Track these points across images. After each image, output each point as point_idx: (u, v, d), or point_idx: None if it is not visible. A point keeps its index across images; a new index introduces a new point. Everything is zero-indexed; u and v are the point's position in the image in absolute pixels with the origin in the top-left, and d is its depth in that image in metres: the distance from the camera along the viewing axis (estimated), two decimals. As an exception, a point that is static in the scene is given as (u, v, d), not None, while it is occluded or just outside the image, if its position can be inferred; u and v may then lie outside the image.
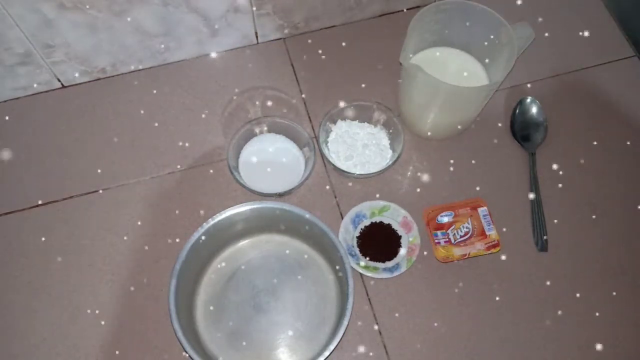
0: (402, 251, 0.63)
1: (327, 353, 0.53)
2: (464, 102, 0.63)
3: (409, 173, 0.68)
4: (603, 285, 0.63)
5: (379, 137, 0.68)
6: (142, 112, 0.71)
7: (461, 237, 0.62)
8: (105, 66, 0.72)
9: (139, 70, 0.74)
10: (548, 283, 0.62)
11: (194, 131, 0.70)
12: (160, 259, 0.63)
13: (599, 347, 0.60)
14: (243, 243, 0.63)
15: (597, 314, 0.61)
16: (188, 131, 0.70)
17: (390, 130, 0.68)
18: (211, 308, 0.60)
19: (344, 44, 0.76)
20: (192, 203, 0.66)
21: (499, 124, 0.71)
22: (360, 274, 0.61)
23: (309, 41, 0.76)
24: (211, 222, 0.58)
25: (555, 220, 0.65)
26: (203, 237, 0.58)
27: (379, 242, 0.63)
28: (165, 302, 0.55)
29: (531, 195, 0.65)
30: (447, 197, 0.66)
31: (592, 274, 0.63)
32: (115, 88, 0.73)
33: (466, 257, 0.61)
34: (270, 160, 0.67)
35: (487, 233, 0.62)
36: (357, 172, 0.65)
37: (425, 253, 0.63)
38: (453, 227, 0.62)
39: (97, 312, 0.61)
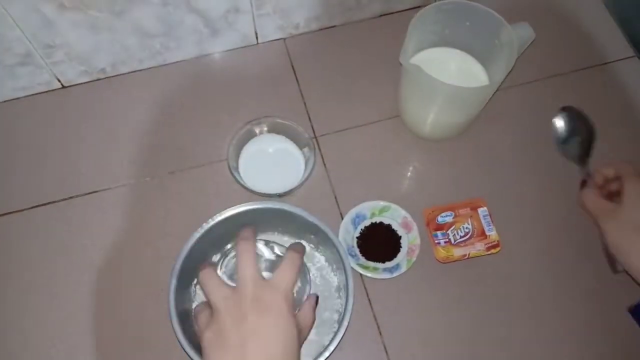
0: (402, 251, 0.63)
1: (327, 353, 0.53)
2: (464, 102, 0.63)
3: (409, 173, 0.68)
4: (603, 285, 0.63)
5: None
6: (142, 112, 0.71)
7: (461, 237, 0.62)
8: (105, 66, 0.72)
9: (139, 70, 0.74)
10: (548, 283, 0.62)
11: (193, 131, 0.70)
12: (160, 259, 0.63)
13: (600, 346, 0.60)
14: (243, 243, 0.63)
15: (598, 313, 0.61)
16: (188, 131, 0.70)
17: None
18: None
19: (344, 44, 0.76)
20: (192, 203, 0.66)
21: (499, 124, 0.71)
22: (360, 274, 0.61)
23: (309, 41, 0.76)
24: (211, 222, 0.58)
25: (556, 219, 0.65)
26: (203, 237, 0.58)
27: (379, 242, 0.63)
28: (165, 302, 0.55)
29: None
30: (447, 197, 0.66)
31: (592, 273, 0.63)
32: (115, 88, 0.73)
33: (466, 257, 0.61)
34: (270, 161, 0.67)
35: (487, 233, 0.62)
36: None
37: (425, 253, 0.63)
38: (453, 227, 0.62)
39: (97, 312, 0.61)
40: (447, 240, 0.62)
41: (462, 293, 0.62)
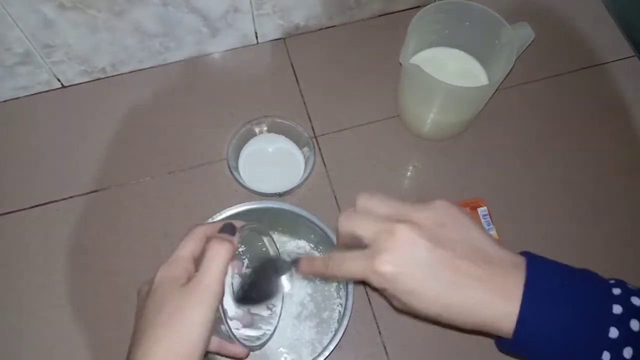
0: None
1: (327, 353, 0.53)
2: (463, 102, 0.63)
3: (409, 173, 0.68)
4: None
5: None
6: (142, 112, 0.71)
7: (461, 237, 0.62)
8: (105, 66, 0.72)
9: (139, 70, 0.74)
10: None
11: (193, 131, 0.70)
12: (160, 259, 0.62)
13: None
14: (243, 243, 0.63)
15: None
16: (188, 131, 0.70)
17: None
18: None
19: (344, 44, 0.76)
20: (192, 203, 0.66)
21: (499, 124, 0.71)
22: (360, 274, 0.61)
23: (309, 41, 0.76)
24: (211, 221, 0.58)
25: (556, 219, 0.65)
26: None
27: (379, 242, 0.63)
28: (165, 302, 0.55)
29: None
30: (447, 196, 0.65)
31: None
32: (115, 88, 0.73)
33: (466, 257, 0.61)
34: (270, 160, 0.67)
35: (487, 233, 0.62)
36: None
37: (425, 253, 0.63)
38: (453, 227, 0.62)
39: (97, 312, 0.61)
40: (447, 240, 0.62)
41: (462, 293, 0.62)
